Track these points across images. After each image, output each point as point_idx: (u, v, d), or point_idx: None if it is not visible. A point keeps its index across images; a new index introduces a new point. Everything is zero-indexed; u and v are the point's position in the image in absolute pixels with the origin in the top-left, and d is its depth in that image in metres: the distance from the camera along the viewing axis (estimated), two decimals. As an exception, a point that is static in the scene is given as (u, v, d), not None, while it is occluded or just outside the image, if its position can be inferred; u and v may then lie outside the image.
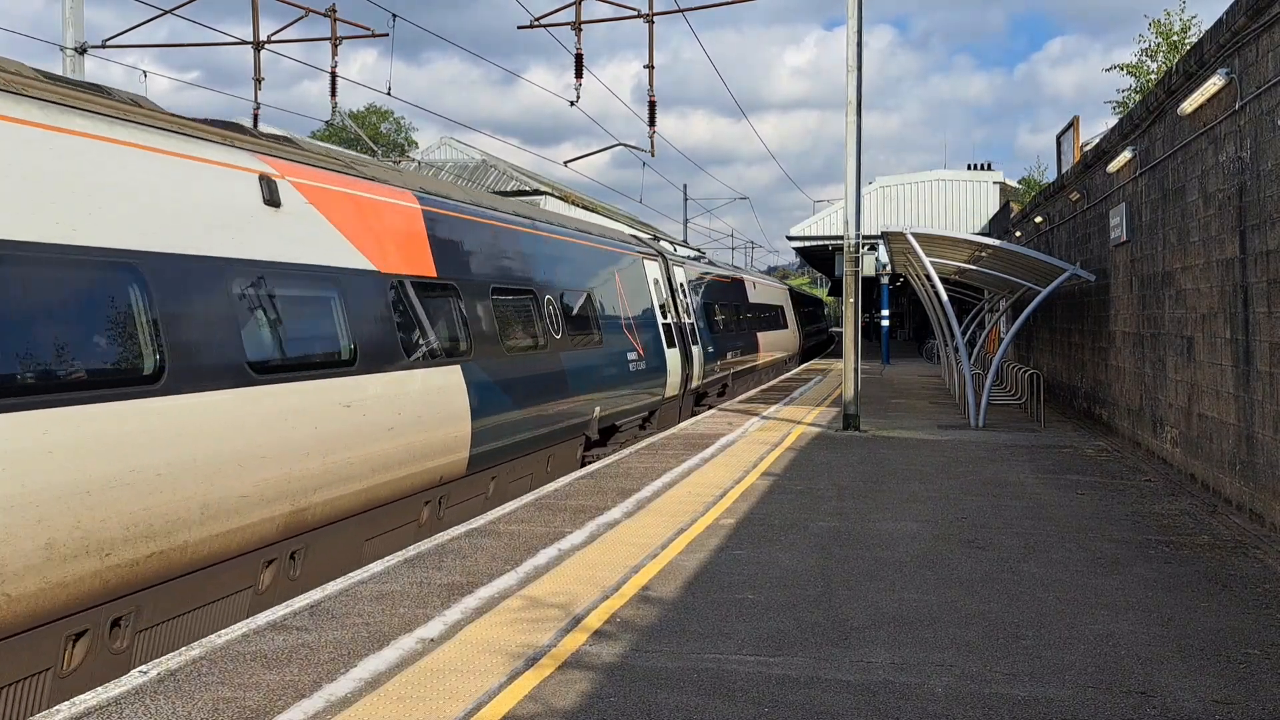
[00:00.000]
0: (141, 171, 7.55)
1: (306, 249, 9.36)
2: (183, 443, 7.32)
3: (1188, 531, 10.29)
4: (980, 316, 34.42)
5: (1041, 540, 9.79)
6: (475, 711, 5.61)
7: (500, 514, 10.97)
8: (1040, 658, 6.50)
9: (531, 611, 7.41)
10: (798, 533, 10.04)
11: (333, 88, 22.47)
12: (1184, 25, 24.28)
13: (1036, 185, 41.20)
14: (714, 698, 5.81)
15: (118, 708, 5.63)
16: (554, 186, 46.08)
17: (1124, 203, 16.91)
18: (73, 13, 19.79)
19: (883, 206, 48.50)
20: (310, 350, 9.16)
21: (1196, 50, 12.42)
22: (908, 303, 74.81)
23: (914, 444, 16.96)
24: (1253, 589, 8.13)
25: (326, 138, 59.21)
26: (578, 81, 20.67)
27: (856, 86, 18.57)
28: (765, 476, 13.41)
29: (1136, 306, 16.09)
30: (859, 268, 19.20)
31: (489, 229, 14.06)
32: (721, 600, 7.70)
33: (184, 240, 7.79)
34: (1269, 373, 10.13)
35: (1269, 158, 10.08)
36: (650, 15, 20.84)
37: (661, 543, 9.58)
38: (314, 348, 9.22)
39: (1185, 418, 13.26)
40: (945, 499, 11.92)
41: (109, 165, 7.26)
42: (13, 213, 6.38)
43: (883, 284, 42.95)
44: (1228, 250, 11.41)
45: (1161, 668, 6.34)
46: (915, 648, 6.68)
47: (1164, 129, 14.30)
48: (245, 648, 6.60)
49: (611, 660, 6.41)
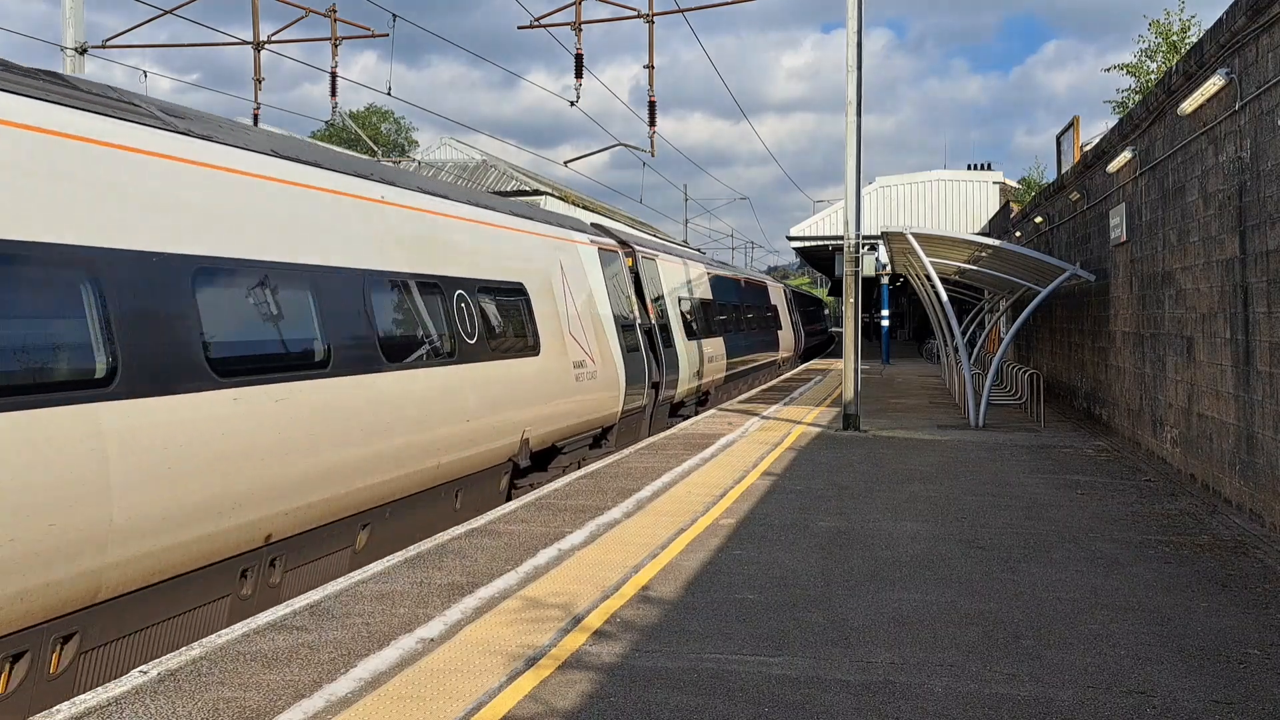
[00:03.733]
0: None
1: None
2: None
3: (1187, 531, 10.29)
4: (980, 316, 34.43)
5: (1041, 540, 9.79)
6: (475, 711, 5.61)
7: (500, 514, 10.97)
8: (1040, 658, 6.50)
9: (531, 611, 7.41)
10: (798, 533, 10.05)
11: (333, 88, 22.49)
12: (1184, 25, 24.28)
13: (1036, 185, 41.22)
14: (714, 698, 5.81)
15: (118, 707, 5.63)
16: (554, 186, 46.11)
17: (1124, 203, 16.91)
18: (73, 13, 19.80)
19: (883, 206, 48.52)
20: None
21: (1196, 50, 12.43)
22: (908, 303, 74.85)
23: (914, 444, 16.96)
24: (1253, 589, 8.13)
25: (327, 138, 59.23)
26: (578, 82, 20.69)
27: (856, 86, 18.58)
28: (765, 476, 13.41)
29: (1136, 306, 16.09)
30: (859, 268, 19.20)
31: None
32: (722, 600, 7.71)
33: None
34: (1269, 373, 10.13)
35: (1269, 158, 10.09)
36: (650, 15, 20.86)
37: (662, 543, 9.58)
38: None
39: (1185, 418, 13.26)
40: (945, 499, 11.92)
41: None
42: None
43: (883, 284, 42.96)
44: (1228, 250, 11.42)
45: (1161, 668, 6.34)
46: (915, 648, 6.68)
47: (1164, 129, 14.31)
48: (245, 647, 6.60)
49: (612, 660, 6.41)
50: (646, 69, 21.93)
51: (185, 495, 7.46)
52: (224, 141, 8.91)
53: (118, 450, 6.89)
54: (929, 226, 42.06)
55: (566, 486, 12.68)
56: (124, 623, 7.22)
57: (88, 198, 7.15)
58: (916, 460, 15.07)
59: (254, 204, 8.95)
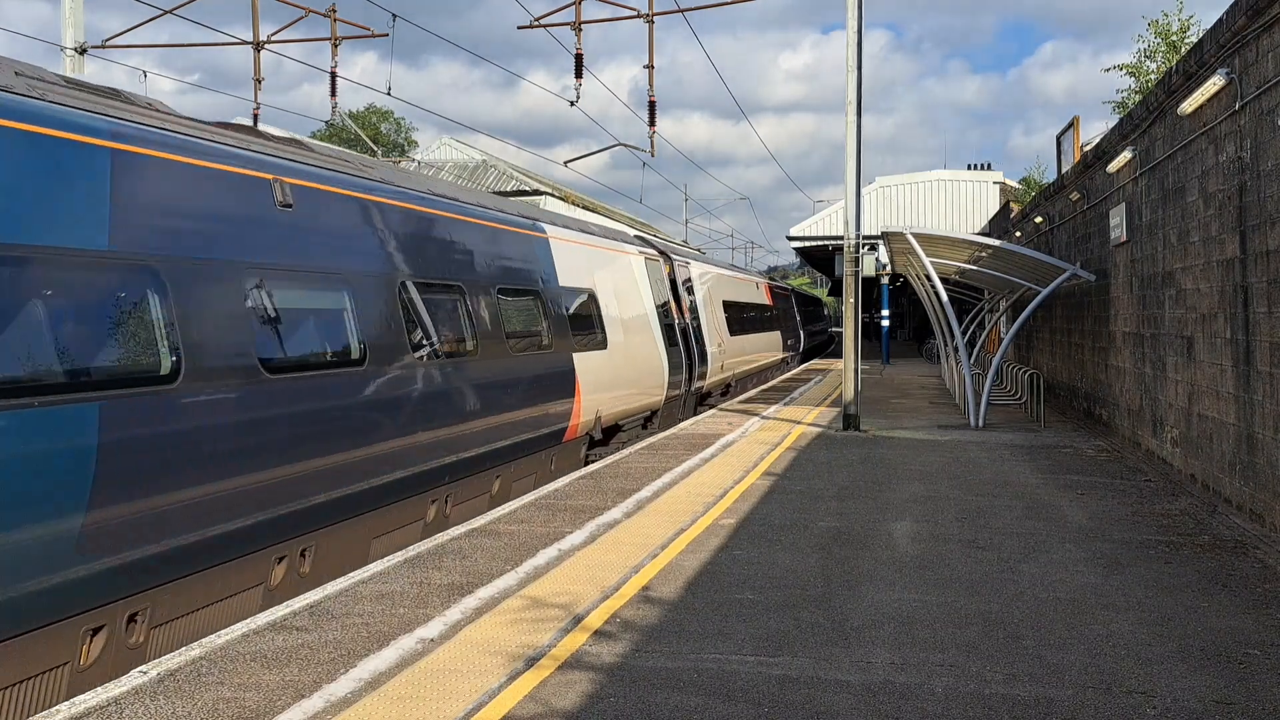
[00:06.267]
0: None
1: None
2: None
3: (1187, 531, 10.29)
4: (980, 316, 34.42)
5: (1041, 540, 9.79)
6: (475, 711, 5.61)
7: (500, 514, 10.97)
8: (1040, 658, 6.50)
9: (531, 611, 7.41)
10: (798, 533, 10.04)
11: (333, 88, 22.48)
12: (1183, 25, 24.27)
13: (1036, 185, 41.20)
14: (714, 698, 5.81)
15: (118, 707, 5.63)
16: (554, 186, 46.12)
17: (1124, 203, 16.90)
18: (73, 13, 19.79)
19: (883, 206, 48.50)
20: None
21: (1196, 50, 12.42)
22: (908, 303, 74.80)
23: (914, 444, 16.96)
24: (1253, 589, 8.13)
25: (327, 138, 59.24)
26: (578, 82, 20.69)
27: (856, 86, 18.58)
28: (766, 476, 13.41)
29: (1136, 306, 16.09)
30: (859, 268, 19.21)
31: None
32: (722, 600, 7.70)
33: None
34: (1269, 373, 10.12)
35: (1269, 158, 10.08)
36: (650, 15, 20.85)
37: (662, 543, 9.57)
38: None
39: (1185, 418, 13.25)
40: (945, 499, 11.92)
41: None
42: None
43: (883, 284, 42.94)
44: (1228, 250, 11.41)
45: (1161, 668, 6.34)
46: (915, 648, 6.68)
47: (1164, 129, 14.30)
48: (245, 648, 6.60)
49: (612, 660, 6.40)
50: (646, 69, 21.93)
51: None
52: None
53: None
54: (929, 226, 42.03)
55: (567, 486, 12.68)
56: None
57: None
58: (916, 460, 15.06)
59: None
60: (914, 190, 49.23)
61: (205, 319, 7.73)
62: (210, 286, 7.86)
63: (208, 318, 7.76)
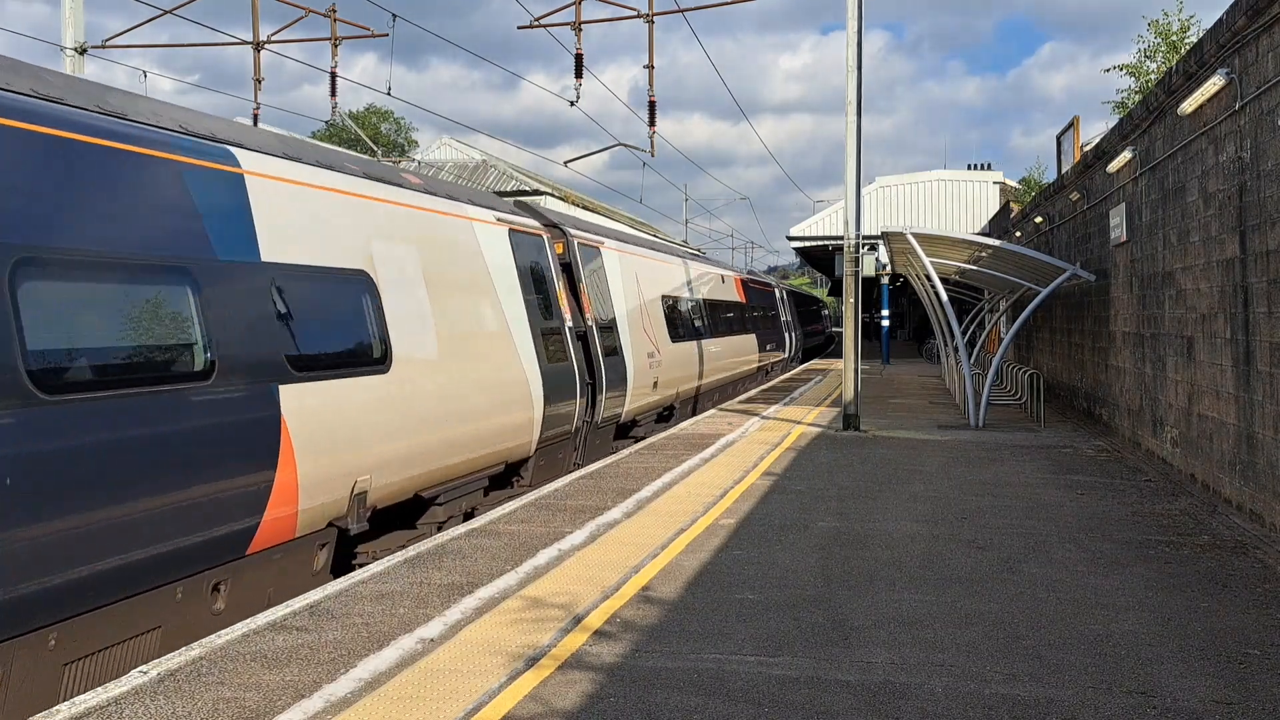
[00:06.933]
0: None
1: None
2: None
3: (1188, 531, 10.29)
4: (980, 316, 34.42)
5: (1041, 540, 9.79)
6: (475, 712, 5.61)
7: (500, 514, 10.97)
8: (1040, 658, 6.50)
9: (532, 612, 7.41)
10: (798, 533, 10.04)
11: (333, 88, 22.49)
12: (1183, 25, 24.29)
13: (1037, 185, 41.22)
14: (714, 698, 5.81)
15: (117, 707, 5.63)
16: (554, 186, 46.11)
17: (1124, 203, 16.91)
18: (73, 13, 19.79)
19: (883, 206, 48.50)
20: None
21: (1196, 50, 12.42)
22: (908, 303, 74.81)
23: (914, 444, 16.96)
24: (1253, 589, 8.13)
25: (327, 138, 59.24)
26: (577, 82, 20.69)
27: (856, 87, 18.57)
28: (766, 476, 13.41)
29: (1136, 306, 16.09)
30: (859, 268, 19.20)
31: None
32: (722, 600, 7.70)
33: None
34: (1269, 373, 10.13)
35: (1269, 158, 10.08)
36: (650, 15, 20.85)
37: (662, 543, 9.57)
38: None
39: (1185, 418, 13.25)
40: (945, 499, 11.92)
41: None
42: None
43: (883, 284, 42.94)
44: (1228, 250, 11.41)
45: (1161, 668, 6.34)
46: (915, 648, 6.68)
47: (1164, 129, 14.30)
48: (245, 648, 6.60)
49: (612, 660, 6.40)
50: (646, 69, 21.93)
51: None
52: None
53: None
54: (929, 226, 42.03)
55: (567, 486, 12.67)
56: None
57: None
58: (917, 460, 15.06)
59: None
60: (914, 190, 49.23)
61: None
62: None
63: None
